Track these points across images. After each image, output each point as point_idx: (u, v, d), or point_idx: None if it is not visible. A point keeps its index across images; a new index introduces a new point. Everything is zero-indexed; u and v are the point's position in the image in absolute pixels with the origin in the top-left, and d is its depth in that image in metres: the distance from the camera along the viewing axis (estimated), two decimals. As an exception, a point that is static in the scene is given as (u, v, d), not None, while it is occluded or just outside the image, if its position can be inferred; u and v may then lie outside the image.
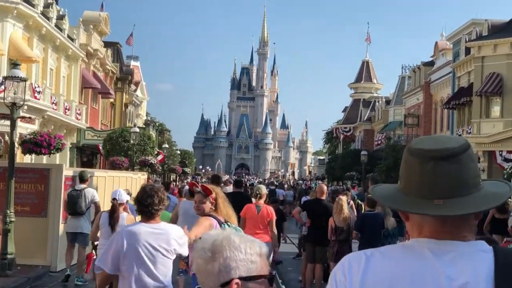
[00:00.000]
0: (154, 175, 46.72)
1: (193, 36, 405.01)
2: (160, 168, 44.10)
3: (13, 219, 14.29)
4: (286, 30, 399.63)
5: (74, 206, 13.75)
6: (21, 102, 14.66)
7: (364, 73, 74.26)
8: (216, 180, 13.45)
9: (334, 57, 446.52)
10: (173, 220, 12.45)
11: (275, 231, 11.74)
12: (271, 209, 11.90)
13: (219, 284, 2.15)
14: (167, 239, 5.80)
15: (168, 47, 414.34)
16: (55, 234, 15.52)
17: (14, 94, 14.48)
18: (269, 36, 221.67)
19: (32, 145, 15.30)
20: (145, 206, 5.81)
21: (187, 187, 17.70)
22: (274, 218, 11.72)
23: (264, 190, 12.35)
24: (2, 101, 14.49)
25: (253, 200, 12.42)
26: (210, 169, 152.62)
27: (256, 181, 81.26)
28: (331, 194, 14.82)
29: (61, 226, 15.66)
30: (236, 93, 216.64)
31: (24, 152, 16.16)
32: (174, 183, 52.12)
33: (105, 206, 18.20)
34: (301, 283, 13.92)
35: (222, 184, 16.20)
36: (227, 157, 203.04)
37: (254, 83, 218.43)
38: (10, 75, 14.51)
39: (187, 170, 65.08)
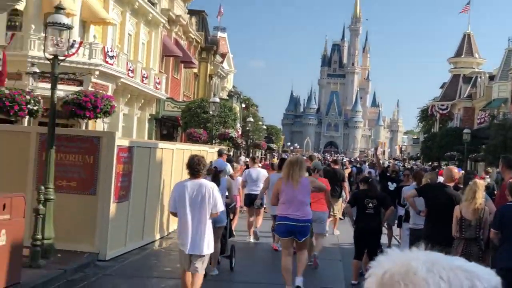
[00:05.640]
0: (238, 151, 44.09)
1: (285, 13, 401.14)
2: (244, 143, 41.36)
3: (51, 197, 11.67)
4: (379, 5, 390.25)
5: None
6: (64, 54, 11.96)
7: (465, 46, 69.00)
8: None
9: (431, 31, 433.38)
10: (265, 188, 14.59)
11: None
12: (327, 182, 13.65)
13: None
14: (203, 189, 8.80)
15: (260, 23, 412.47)
16: (105, 215, 12.82)
17: (56, 45, 11.78)
18: (362, 12, 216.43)
19: (75, 107, 12.63)
20: (192, 168, 8.86)
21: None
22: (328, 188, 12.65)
23: (319, 166, 15.19)
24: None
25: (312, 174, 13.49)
26: (298, 147, 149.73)
27: (345, 159, 77.75)
28: (464, 178, 11.57)
29: (113, 206, 12.99)
30: (327, 70, 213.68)
31: (66, 116, 13.55)
32: (261, 158, 48.91)
33: (173, 179, 15.68)
34: None
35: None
36: (316, 135, 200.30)
37: (345, 60, 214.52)
38: (51, 21, 11.78)
39: (273, 146, 62.11)
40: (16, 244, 9.56)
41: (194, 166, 8.85)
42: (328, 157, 62.01)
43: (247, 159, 25.42)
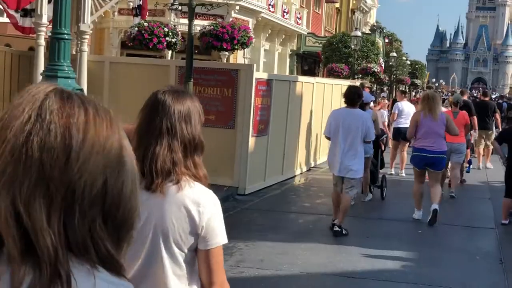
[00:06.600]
0: (382, 87, 43.07)
1: None
2: (387, 78, 40.22)
3: (190, 130, 11.65)
4: None
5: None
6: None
7: None
8: None
9: None
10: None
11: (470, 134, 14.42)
12: (466, 115, 13.60)
13: None
14: (358, 118, 9.44)
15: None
16: (244, 149, 12.68)
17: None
18: None
19: (212, 38, 12.43)
20: (349, 98, 9.56)
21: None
22: (469, 123, 13.72)
23: (460, 98, 14.17)
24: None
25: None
26: (444, 83, 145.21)
27: (494, 96, 74.56)
28: None
29: (251, 140, 12.81)
30: (475, 3, 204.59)
31: (203, 48, 13.40)
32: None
33: (314, 113, 15.68)
34: None
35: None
36: (462, 71, 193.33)
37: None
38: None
39: (417, 81, 60.20)
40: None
41: (351, 96, 9.54)
42: (475, 94, 59.38)
43: (384, 95, 24.72)
